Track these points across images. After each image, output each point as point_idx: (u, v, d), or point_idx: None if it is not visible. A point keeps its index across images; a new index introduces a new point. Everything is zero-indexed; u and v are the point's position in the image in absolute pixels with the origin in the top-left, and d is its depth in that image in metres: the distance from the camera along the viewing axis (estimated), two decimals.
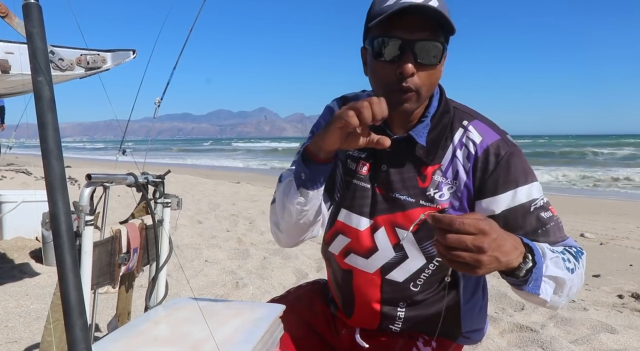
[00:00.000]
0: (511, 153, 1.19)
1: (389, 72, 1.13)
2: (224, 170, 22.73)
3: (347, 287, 1.37)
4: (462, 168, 1.21)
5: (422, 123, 1.23)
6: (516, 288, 1.04)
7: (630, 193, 13.32)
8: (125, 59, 2.67)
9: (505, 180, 1.17)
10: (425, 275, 1.27)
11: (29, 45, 0.79)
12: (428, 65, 1.12)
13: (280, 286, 3.73)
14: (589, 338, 2.73)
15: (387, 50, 1.12)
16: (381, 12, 1.10)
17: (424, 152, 1.22)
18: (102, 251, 1.27)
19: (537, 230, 1.16)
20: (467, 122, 1.24)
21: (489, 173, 1.18)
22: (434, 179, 1.21)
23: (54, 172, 0.76)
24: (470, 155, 1.20)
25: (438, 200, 1.21)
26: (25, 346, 2.61)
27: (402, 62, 1.10)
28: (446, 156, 1.22)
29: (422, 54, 1.10)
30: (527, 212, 1.16)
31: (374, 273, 1.29)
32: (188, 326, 1.19)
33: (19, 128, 4.28)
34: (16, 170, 10.84)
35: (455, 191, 1.21)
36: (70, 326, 0.73)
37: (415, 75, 1.11)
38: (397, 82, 1.12)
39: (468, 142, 1.21)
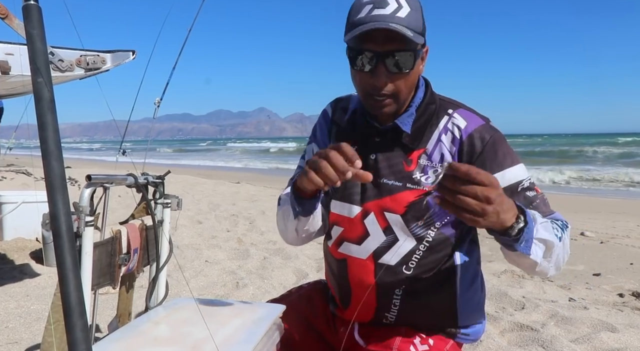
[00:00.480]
0: (496, 138, 1.26)
1: (365, 81, 1.21)
2: (224, 170, 22.73)
3: (342, 277, 1.39)
4: (448, 152, 1.27)
5: (406, 112, 1.29)
6: (508, 249, 1.08)
7: (630, 192, 13.33)
8: (125, 60, 2.67)
9: (492, 162, 1.23)
10: (417, 257, 1.30)
11: (28, 46, 0.79)
12: (401, 73, 1.19)
13: (280, 286, 3.73)
14: (589, 337, 2.73)
15: (361, 62, 1.19)
16: (354, 25, 1.17)
17: (410, 139, 1.29)
18: (102, 252, 1.27)
19: (529, 207, 1.19)
20: (452, 110, 1.31)
21: (476, 156, 1.25)
22: (419, 163, 1.28)
23: (54, 173, 0.76)
24: (455, 139, 1.27)
25: (424, 183, 1.27)
26: (25, 347, 2.61)
27: (375, 73, 1.18)
28: (431, 141, 1.29)
29: (393, 65, 1.17)
30: (515, 192, 1.22)
31: (367, 259, 1.33)
32: (188, 327, 1.19)
33: (19, 129, 4.28)
34: (16, 171, 10.84)
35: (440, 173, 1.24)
36: (70, 327, 0.73)
37: (390, 83, 1.19)
38: (374, 90, 1.20)
39: (453, 127, 1.28)
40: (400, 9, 1.15)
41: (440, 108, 1.32)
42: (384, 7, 1.15)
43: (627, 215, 8.65)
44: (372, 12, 1.15)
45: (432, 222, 1.28)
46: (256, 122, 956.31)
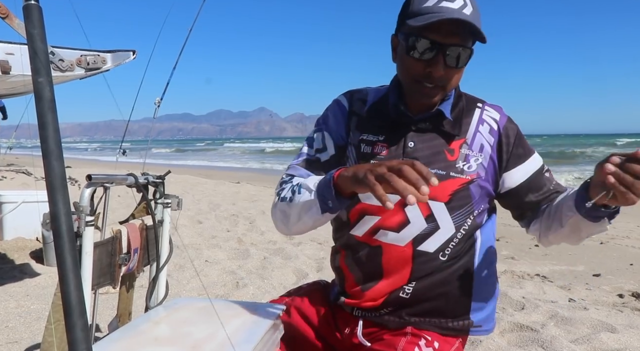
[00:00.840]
0: (518, 128, 1.39)
1: (419, 68, 1.23)
2: (224, 170, 22.73)
3: (374, 263, 1.36)
4: (487, 143, 1.34)
5: (446, 100, 1.34)
6: (601, 220, 1.18)
7: None
8: (125, 60, 2.67)
9: (524, 150, 1.37)
10: (453, 244, 1.32)
11: (29, 46, 0.79)
12: (455, 68, 1.23)
13: (280, 286, 3.73)
14: (589, 337, 2.73)
15: (421, 50, 1.21)
16: (420, 13, 1.20)
17: (450, 126, 1.33)
18: (102, 251, 1.27)
19: (550, 185, 1.38)
20: (481, 104, 1.40)
21: (511, 146, 1.35)
22: (461, 152, 1.32)
23: (54, 173, 0.76)
24: (493, 130, 1.35)
25: (467, 172, 1.31)
26: (25, 346, 2.61)
27: (434, 63, 1.21)
28: (470, 131, 1.34)
29: (452, 58, 1.21)
30: (542, 174, 1.38)
31: (405, 246, 1.32)
32: (188, 327, 1.19)
33: (19, 129, 4.27)
34: (16, 171, 10.84)
35: (481, 162, 1.32)
36: (70, 327, 0.73)
37: (442, 75, 1.22)
38: (425, 77, 1.24)
39: (488, 119, 1.36)
40: (466, 6, 1.19)
41: (468, 101, 1.38)
42: (453, 1, 1.18)
43: (627, 216, 8.64)
44: (440, 3, 1.18)
45: (472, 211, 1.32)
46: (256, 121, 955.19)
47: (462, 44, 1.20)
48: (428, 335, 1.35)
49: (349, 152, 1.40)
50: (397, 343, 1.33)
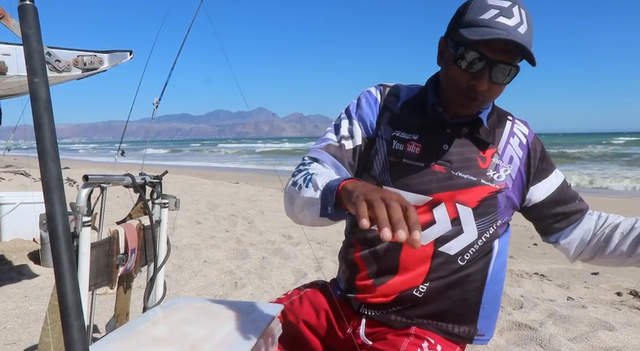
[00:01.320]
0: (543, 144, 1.43)
1: (464, 79, 1.23)
2: (223, 170, 22.72)
3: (391, 258, 1.34)
4: (516, 155, 1.36)
5: (486, 109, 1.35)
6: None
7: (629, 191, 13.34)
8: (123, 60, 2.67)
9: (548, 164, 1.40)
10: (474, 250, 1.33)
11: (24, 46, 0.79)
12: (499, 84, 1.23)
13: (279, 286, 3.73)
14: (587, 335, 2.73)
15: (469, 61, 1.20)
16: (475, 24, 1.18)
17: (486, 134, 1.35)
18: (99, 252, 1.27)
19: (576, 199, 1.42)
20: (511, 117, 1.42)
21: (538, 160, 1.38)
22: (492, 161, 1.33)
23: (50, 173, 0.76)
24: (522, 144, 1.38)
25: (497, 181, 1.32)
26: (23, 347, 2.61)
27: (479, 77, 1.20)
28: (501, 141, 1.36)
29: (498, 75, 1.21)
30: (567, 187, 1.43)
31: (427, 246, 1.32)
32: (186, 327, 1.18)
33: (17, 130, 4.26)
34: (14, 172, 10.83)
35: (509, 174, 1.34)
36: (67, 328, 0.73)
37: (486, 90, 1.22)
38: (468, 89, 1.23)
39: (519, 132, 1.39)
40: (522, 24, 1.18)
41: (499, 113, 1.41)
42: (510, 17, 1.17)
43: (625, 214, 8.65)
44: (497, 18, 1.17)
45: (495, 220, 1.34)
46: (255, 122, 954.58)
47: (511, 62, 1.19)
48: (431, 337, 1.34)
49: (378, 145, 1.38)
50: (400, 344, 1.32)
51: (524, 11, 1.19)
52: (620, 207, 9.36)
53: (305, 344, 1.44)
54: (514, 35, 1.15)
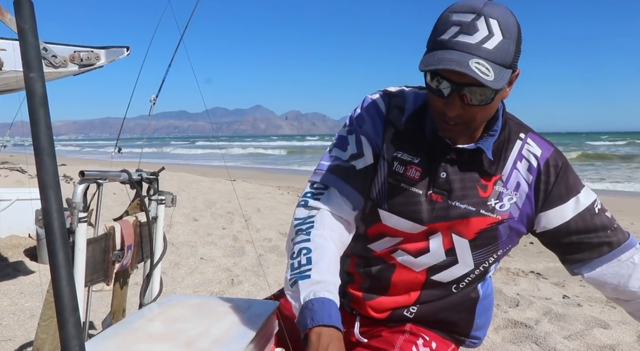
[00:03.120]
0: (565, 163, 1.24)
1: (438, 104, 1.12)
2: (220, 168, 22.69)
3: (383, 278, 1.32)
4: (524, 180, 1.22)
5: (492, 136, 1.21)
6: None
7: (626, 191, 13.38)
8: (119, 56, 2.66)
9: (566, 188, 1.22)
10: (469, 279, 1.29)
11: (20, 41, 0.78)
12: (479, 104, 1.09)
13: (275, 283, 3.73)
14: (582, 333, 2.74)
15: (437, 87, 1.10)
16: (434, 46, 1.07)
17: (488, 162, 1.22)
18: (95, 248, 1.27)
19: (607, 230, 1.23)
20: (524, 135, 1.25)
21: (552, 184, 1.22)
22: (495, 189, 1.22)
23: (46, 169, 0.75)
24: (532, 167, 1.22)
25: (499, 211, 1.21)
26: (19, 344, 2.60)
27: (450, 103, 1.08)
28: (507, 167, 1.22)
29: (472, 96, 1.08)
30: (594, 214, 1.23)
31: (419, 273, 1.28)
32: (182, 323, 1.18)
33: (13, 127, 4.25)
34: (10, 168, 10.79)
35: (515, 202, 1.22)
36: (63, 323, 0.73)
37: (463, 113, 1.10)
38: (443, 114, 1.11)
39: (529, 154, 1.23)
40: (491, 37, 1.03)
41: (511, 131, 1.25)
42: (472, 33, 1.03)
43: (621, 213, 8.68)
44: (456, 36, 1.04)
45: (496, 250, 1.26)
46: (252, 119, 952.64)
47: (480, 83, 1.02)
48: (426, 334, 1.35)
49: (380, 165, 1.27)
50: (395, 341, 1.32)
51: (493, 20, 1.03)
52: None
53: (300, 340, 1.44)
54: (475, 53, 1.02)
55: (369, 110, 1.30)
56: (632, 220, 7.80)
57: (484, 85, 1.03)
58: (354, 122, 1.31)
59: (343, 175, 1.26)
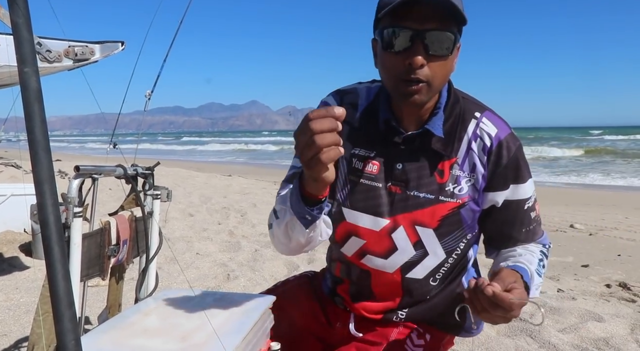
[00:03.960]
0: (518, 149, 1.23)
1: (399, 63, 1.10)
2: (216, 163, 22.66)
3: (365, 285, 1.35)
4: (479, 161, 1.21)
5: (435, 115, 1.21)
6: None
7: (620, 185, 13.44)
8: (114, 51, 2.65)
9: (511, 175, 1.21)
10: (445, 269, 1.29)
11: (14, 35, 0.78)
12: (440, 56, 1.10)
13: (271, 278, 3.74)
14: (577, 326, 2.76)
15: (397, 41, 1.09)
16: (390, 2, 1.08)
17: (442, 144, 1.21)
18: (91, 243, 1.27)
19: (522, 229, 1.26)
20: (480, 114, 1.24)
21: (501, 167, 1.20)
22: (452, 173, 1.21)
23: (41, 163, 0.75)
24: (486, 147, 1.21)
25: (458, 195, 1.21)
26: (15, 339, 2.60)
27: (412, 53, 1.07)
28: (462, 149, 1.21)
29: (434, 45, 1.08)
30: (521, 209, 1.24)
31: (394, 273, 1.28)
32: (178, 318, 1.19)
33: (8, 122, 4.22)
34: (5, 164, 10.74)
35: (473, 183, 1.21)
36: (58, 318, 0.73)
37: (425, 67, 1.09)
38: (407, 73, 1.09)
39: (483, 134, 1.22)
40: None
41: (465, 110, 1.24)
42: None
43: (616, 208, 8.73)
44: None
45: (464, 235, 1.25)
46: (248, 114, 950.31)
47: (442, 28, 1.07)
48: (420, 326, 1.36)
49: (340, 165, 1.28)
50: (389, 334, 1.33)
51: None
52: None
53: (297, 335, 1.44)
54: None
55: None
56: (626, 214, 7.85)
57: (445, 29, 1.07)
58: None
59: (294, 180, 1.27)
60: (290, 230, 1.16)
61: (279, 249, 1.30)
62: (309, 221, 1.11)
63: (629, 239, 5.86)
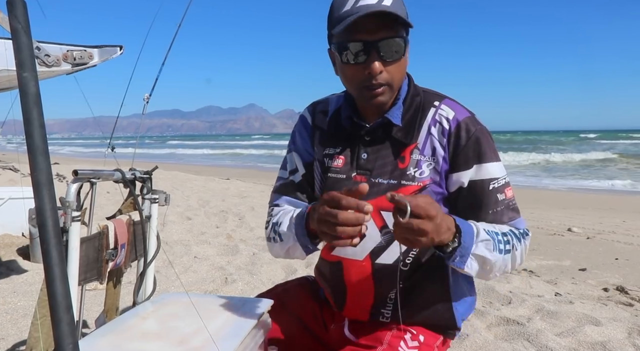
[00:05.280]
0: (480, 131, 1.28)
1: (359, 73, 1.21)
2: (214, 166, 22.66)
3: (337, 279, 1.38)
4: (439, 144, 1.27)
5: (395, 105, 1.30)
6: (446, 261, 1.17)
7: (617, 189, 13.47)
8: (113, 55, 2.65)
9: (473, 155, 1.26)
10: (414, 253, 1.31)
11: (13, 40, 0.79)
12: (394, 61, 1.20)
13: (269, 282, 3.74)
14: (574, 330, 2.76)
15: (354, 54, 1.19)
16: (341, 19, 1.18)
17: (402, 133, 1.29)
18: (89, 247, 1.27)
19: (488, 210, 1.26)
20: (439, 102, 1.32)
21: (461, 148, 1.26)
22: (412, 158, 1.28)
23: (39, 168, 0.76)
24: (445, 130, 1.27)
25: (419, 178, 1.27)
26: (12, 343, 2.60)
27: (369, 62, 1.18)
28: (421, 134, 1.29)
29: (386, 52, 1.18)
30: (486, 189, 1.26)
31: (363, 260, 1.32)
32: (176, 321, 1.19)
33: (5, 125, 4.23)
34: (2, 167, 10.72)
35: (434, 167, 1.27)
36: (56, 322, 0.73)
37: (384, 72, 1.20)
38: (368, 80, 1.20)
39: (441, 118, 1.29)
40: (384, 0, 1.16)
41: (425, 101, 1.32)
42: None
43: (613, 211, 8.75)
44: (357, 3, 1.16)
45: None
46: (246, 118, 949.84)
47: (392, 35, 1.18)
48: (414, 328, 1.36)
49: (315, 167, 1.41)
50: (383, 337, 1.34)
51: None
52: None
53: (293, 338, 1.45)
54: (377, 6, 1.14)
55: (298, 126, 1.48)
56: (624, 217, 7.86)
57: (395, 35, 1.17)
58: (290, 142, 1.49)
59: (284, 191, 1.45)
60: (292, 252, 1.33)
61: (275, 256, 1.42)
62: (310, 250, 1.29)
63: (626, 243, 5.87)
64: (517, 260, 1.26)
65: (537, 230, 6.62)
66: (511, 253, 1.22)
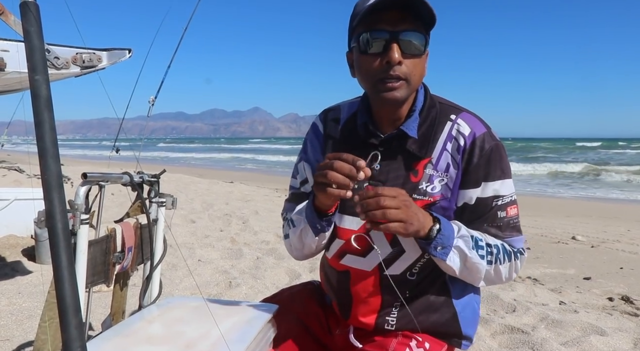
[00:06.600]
0: (493, 148, 1.26)
1: (377, 64, 1.19)
2: (218, 169, 22.69)
3: (344, 289, 1.38)
4: (453, 161, 1.26)
5: (411, 117, 1.28)
6: (431, 256, 1.21)
7: (622, 198, 13.41)
8: (121, 58, 2.66)
9: (483, 173, 1.25)
10: (421, 264, 1.31)
11: (25, 43, 0.79)
12: (414, 55, 1.19)
13: (273, 286, 3.73)
14: (579, 340, 2.75)
15: (374, 44, 1.18)
16: (363, 9, 1.17)
17: (417, 146, 1.27)
18: (97, 250, 1.27)
19: (484, 223, 1.26)
20: (455, 116, 1.29)
21: (473, 165, 1.25)
22: (425, 173, 1.26)
23: (50, 171, 0.76)
24: (460, 147, 1.26)
25: (430, 193, 1.25)
26: (17, 344, 2.60)
27: (390, 51, 1.16)
28: (436, 149, 1.27)
29: (407, 44, 1.17)
30: (489, 206, 1.26)
31: (371, 271, 1.32)
32: (181, 326, 1.19)
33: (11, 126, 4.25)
34: (8, 168, 10.76)
35: (446, 183, 1.26)
36: (65, 325, 0.73)
37: (403, 64, 1.18)
38: (385, 71, 1.18)
39: (458, 135, 1.27)
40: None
41: (441, 113, 1.30)
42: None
43: (618, 220, 8.72)
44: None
45: None
46: (250, 121, 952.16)
47: (413, 28, 1.17)
48: (419, 335, 1.36)
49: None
50: (389, 345, 1.33)
51: None
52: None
53: (299, 343, 1.45)
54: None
55: (310, 135, 1.48)
56: (628, 226, 7.83)
57: (417, 29, 1.17)
58: (302, 150, 1.49)
59: (297, 200, 1.45)
60: (304, 237, 1.34)
61: (294, 255, 1.45)
62: (318, 230, 1.29)
63: (631, 252, 5.84)
64: (503, 274, 1.26)
65: (541, 238, 6.59)
66: (494, 266, 1.23)
